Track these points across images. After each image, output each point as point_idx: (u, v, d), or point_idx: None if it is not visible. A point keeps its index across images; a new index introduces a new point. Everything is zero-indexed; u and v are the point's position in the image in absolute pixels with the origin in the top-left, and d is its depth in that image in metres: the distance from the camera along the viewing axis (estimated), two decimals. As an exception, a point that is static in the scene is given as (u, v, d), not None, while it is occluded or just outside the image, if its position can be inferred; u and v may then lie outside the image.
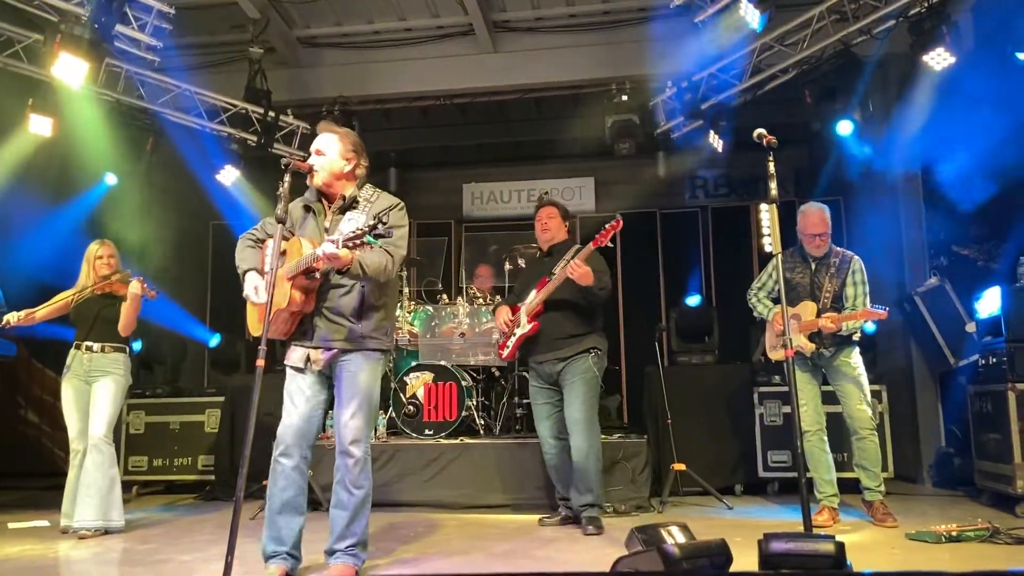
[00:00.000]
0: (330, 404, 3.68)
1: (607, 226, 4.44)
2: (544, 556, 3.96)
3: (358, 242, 3.14)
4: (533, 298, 4.70)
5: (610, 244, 4.55)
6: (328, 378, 3.55)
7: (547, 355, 4.67)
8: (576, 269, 4.39)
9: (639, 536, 2.99)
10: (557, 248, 4.87)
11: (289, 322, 3.47)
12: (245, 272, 3.55)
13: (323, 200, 3.61)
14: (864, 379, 4.71)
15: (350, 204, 3.53)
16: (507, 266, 6.51)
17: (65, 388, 4.87)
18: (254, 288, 3.48)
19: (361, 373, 3.48)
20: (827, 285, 4.71)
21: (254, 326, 3.58)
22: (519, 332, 4.74)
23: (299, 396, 3.49)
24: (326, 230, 3.48)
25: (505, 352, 4.87)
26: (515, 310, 4.83)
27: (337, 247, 3.16)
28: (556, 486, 4.83)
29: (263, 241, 3.63)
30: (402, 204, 3.56)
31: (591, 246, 4.49)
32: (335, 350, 3.46)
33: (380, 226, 3.11)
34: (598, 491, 4.59)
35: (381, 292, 3.55)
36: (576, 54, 7.37)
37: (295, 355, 3.53)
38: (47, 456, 8.06)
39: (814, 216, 4.74)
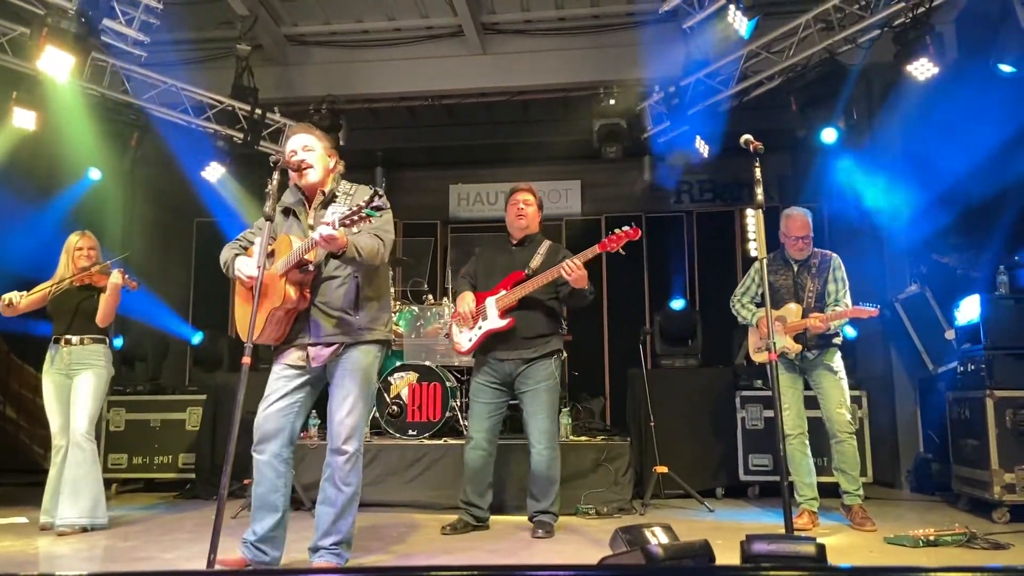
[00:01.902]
0: (316, 404, 3.67)
1: (622, 230, 4.16)
2: (527, 556, 3.97)
3: (356, 218, 3.12)
4: (506, 293, 4.43)
5: (622, 252, 4.24)
6: (319, 378, 3.54)
7: (511, 354, 4.46)
8: (576, 271, 4.19)
9: (623, 536, 3.01)
10: (529, 239, 4.65)
11: (284, 323, 3.44)
12: (234, 258, 3.51)
13: (303, 200, 3.60)
14: (845, 383, 4.77)
15: (330, 199, 3.54)
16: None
17: (46, 383, 4.81)
18: (244, 264, 3.45)
19: (359, 369, 3.47)
20: (809, 285, 4.78)
21: (245, 330, 3.50)
22: (486, 326, 4.46)
23: (279, 391, 3.45)
24: (311, 227, 3.48)
25: (467, 346, 4.54)
26: (478, 299, 4.55)
27: (334, 227, 3.15)
28: (466, 488, 4.59)
29: (247, 249, 3.62)
30: (382, 191, 3.59)
31: (597, 249, 4.25)
32: (335, 345, 3.45)
33: (376, 198, 3.10)
34: (555, 500, 4.51)
35: (374, 282, 3.56)
36: (564, 57, 7.39)
37: (293, 355, 3.49)
38: (25, 452, 7.98)
39: (798, 220, 4.81)
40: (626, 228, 4.19)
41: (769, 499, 5.77)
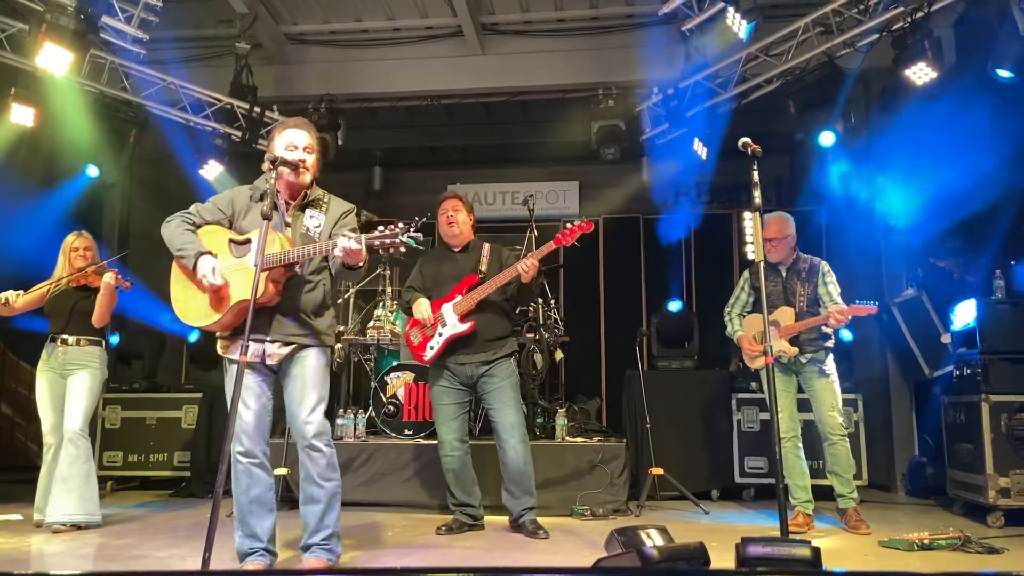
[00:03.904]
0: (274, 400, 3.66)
1: (576, 224, 4.26)
2: (523, 556, 3.97)
3: (386, 242, 3.18)
4: (463, 298, 4.47)
5: (577, 244, 4.36)
6: (274, 373, 3.52)
7: (472, 357, 4.48)
8: (533, 268, 4.27)
9: (619, 538, 3.01)
10: (471, 245, 4.70)
11: (243, 314, 3.34)
12: (198, 255, 3.38)
13: (278, 193, 3.55)
14: (837, 386, 4.79)
15: (310, 202, 3.55)
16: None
17: (40, 381, 4.82)
18: (211, 269, 3.35)
19: (321, 368, 3.50)
20: (800, 290, 4.82)
21: (194, 315, 3.47)
22: (448, 332, 4.47)
23: (249, 393, 3.43)
24: (287, 225, 3.49)
25: (430, 354, 4.52)
26: (433, 307, 4.55)
27: (360, 244, 3.18)
28: (452, 491, 4.60)
29: (199, 227, 3.54)
30: (355, 208, 3.67)
31: (553, 244, 4.32)
32: (294, 345, 3.45)
33: (412, 228, 3.18)
34: (534, 492, 4.54)
35: (333, 291, 3.64)
36: (563, 58, 7.40)
37: (249, 349, 3.41)
38: (20, 449, 7.98)
39: (771, 222, 4.86)
40: (578, 222, 4.28)
41: (765, 502, 5.78)
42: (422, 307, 4.53)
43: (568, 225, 4.27)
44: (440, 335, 4.50)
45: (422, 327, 4.56)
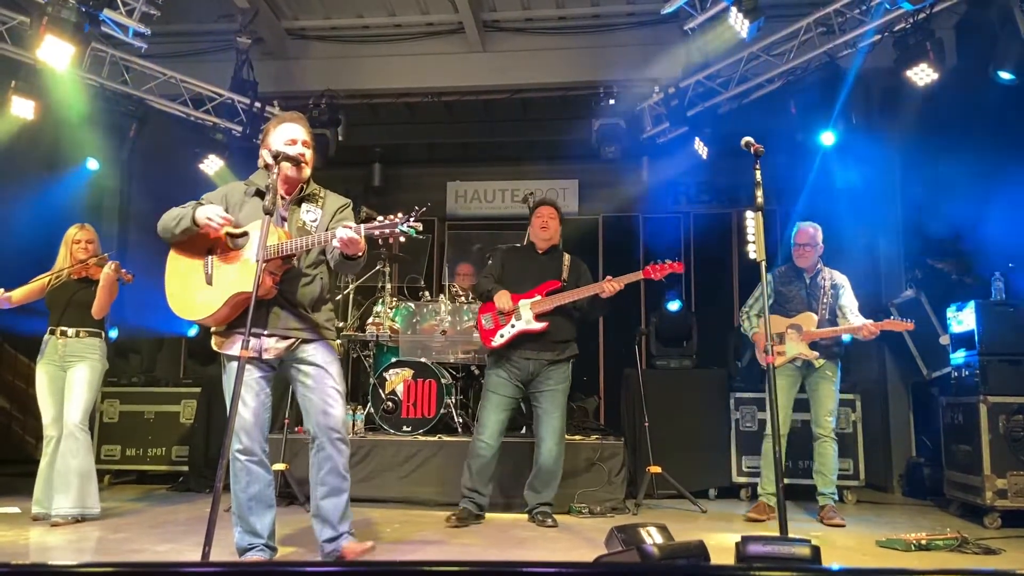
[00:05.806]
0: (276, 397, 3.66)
1: (669, 262, 4.60)
2: (522, 553, 3.97)
3: (385, 231, 3.21)
4: (541, 299, 4.70)
5: (664, 281, 4.69)
6: (272, 369, 3.52)
7: (539, 354, 4.70)
8: (614, 292, 4.59)
9: (619, 536, 3.02)
10: (553, 249, 4.95)
11: (240, 308, 3.37)
12: (192, 213, 3.38)
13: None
14: (838, 392, 4.99)
15: (306, 196, 3.56)
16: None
17: (39, 373, 4.81)
18: (218, 211, 3.35)
19: (333, 362, 3.52)
20: (823, 298, 5.01)
21: (190, 309, 3.45)
22: (520, 326, 4.68)
23: (247, 390, 3.39)
24: (284, 219, 3.49)
25: (499, 341, 4.71)
26: (513, 300, 4.75)
27: (359, 233, 3.21)
28: (473, 477, 4.69)
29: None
30: (351, 203, 3.69)
31: (640, 275, 4.66)
32: (293, 339, 3.45)
33: (411, 218, 3.21)
34: (555, 491, 4.81)
35: (330, 285, 3.66)
36: (565, 56, 7.39)
37: (241, 344, 3.42)
38: (17, 442, 7.95)
39: (802, 230, 5.12)
40: (671, 261, 4.62)
41: (761, 501, 5.78)
42: (504, 298, 4.72)
43: (662, 262, 4.61)
44: (512, 327, 4.71)
45: (495, 314, 4.75)
